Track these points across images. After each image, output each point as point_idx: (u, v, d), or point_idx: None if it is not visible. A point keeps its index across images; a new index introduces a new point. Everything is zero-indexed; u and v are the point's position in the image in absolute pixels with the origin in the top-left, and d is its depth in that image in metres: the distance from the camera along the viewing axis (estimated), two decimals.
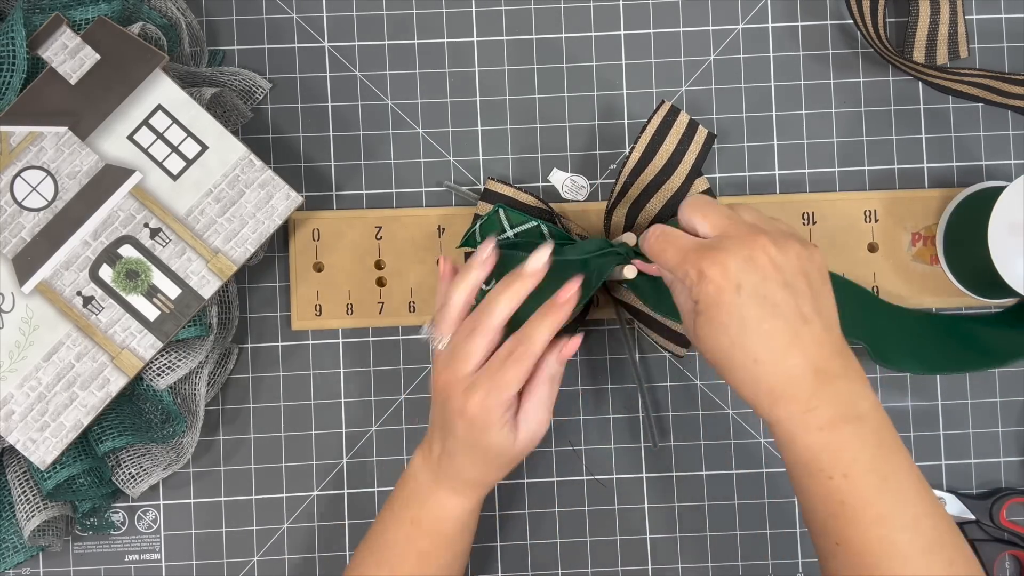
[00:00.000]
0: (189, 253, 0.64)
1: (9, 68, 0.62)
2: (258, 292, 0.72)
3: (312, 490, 0.71)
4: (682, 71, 0.72)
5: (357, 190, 0.72)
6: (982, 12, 0.73)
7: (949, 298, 0.71)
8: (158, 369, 0.65)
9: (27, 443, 0.63)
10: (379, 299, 0.71)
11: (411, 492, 0.59)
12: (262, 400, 0.71)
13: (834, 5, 0.73)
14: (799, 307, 0.47)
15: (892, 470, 0.48)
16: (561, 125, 0.72)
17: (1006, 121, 0.73)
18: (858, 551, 0.47)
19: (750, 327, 0.47)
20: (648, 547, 0.71)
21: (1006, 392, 0.72)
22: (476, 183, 0.72)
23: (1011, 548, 0.70)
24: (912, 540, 0.47)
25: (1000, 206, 0.64)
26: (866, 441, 0.48)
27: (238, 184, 0.65)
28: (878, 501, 0.47)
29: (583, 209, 0.71)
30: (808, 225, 0.71)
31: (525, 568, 0.71)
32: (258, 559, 0.71)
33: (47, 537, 0.66)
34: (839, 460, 0.47)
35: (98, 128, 0.64)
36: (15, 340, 0.63)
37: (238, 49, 0.72)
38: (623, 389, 0.72)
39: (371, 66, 0.72)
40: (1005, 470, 0.72)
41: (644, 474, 0.72)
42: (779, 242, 0.48)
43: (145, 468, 0.66)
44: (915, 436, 0.72)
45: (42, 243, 0.63)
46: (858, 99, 0.72)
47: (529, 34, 0.72)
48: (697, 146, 0.68)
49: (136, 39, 0.63)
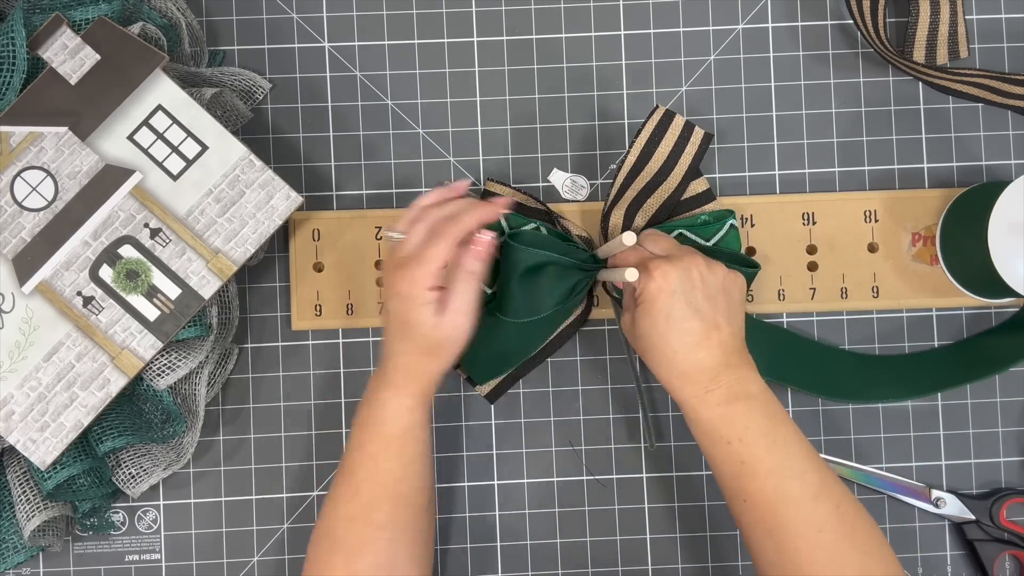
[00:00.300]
0: (189, 253, 0.64)
1: (9, 68, 0.62)
2: (258, 292, 0.72)
3: (312, 490, 0.71)
4: (682, 71, 0.72)
5: (357, 190, 0.72)
6: (982, 12, 0.73)
7: (949, 298, 0.71)
8: (158, 369, 0.65)
9: (27, 443, 0.63)
10: (379, 299, 0.71)
11: (364, 400, 0.62)
12: (262, 400, 0.71)
13: (834, 5, 0.73)
14: (715, 315, 0.59)
15: (780, 435, 0.58)
16: (561, 125, 0.72)
17: (1006, 121, 0.73)
18: (759, 502, 0.58)
19: (674, 323, 0.59)
20: (648, 547, 0.71)
21: (1006, 392, 0.72)
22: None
23: (1011, 548, 0.70)
24: (802, 488, 0.57)
25: (1000, 206, 0.64)
26: (755, 413, 0.59)
27: (238, 184, 0.65)
28: (769, 457, 0.58)
29: (583, 209, 0.71)
30: (808, 225, 0.71)
31: (525, 568, 0.71)
32: (258, 559, 0.71)
33: (47, 537, 0.66)
34: (734, 427, 0.58)
35: (98, 128, 0.64)
36: (15, 340, 0.63)
37: (238, 49, 0.72)
38: (623, 389, 0.72)
39: (371, 66, 0.72)
40: (1005, 470, 0.72)
41: (644, 474, 0.72)
42: (711, 264, 0.60)
43: (145, 468, 0.66)
44: (915, 436, 0.72)
45: (42, 243, 0.63)
46: (858, 99, 0.72)
47: (529, 34, 0.72)
48: (694, 147, 0.68)
49: (136, 39, 0.63)
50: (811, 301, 0.71)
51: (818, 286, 0.71)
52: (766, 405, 0.59)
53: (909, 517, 0.71)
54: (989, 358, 0.70)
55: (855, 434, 0.72)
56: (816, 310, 0.72)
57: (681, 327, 0.59)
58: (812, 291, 0.71)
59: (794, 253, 0.71)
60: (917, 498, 0.71)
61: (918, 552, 0.71)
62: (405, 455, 0.61)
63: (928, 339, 0.72)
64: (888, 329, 0.72)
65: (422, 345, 0.60)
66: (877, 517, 0.71)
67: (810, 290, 0.71)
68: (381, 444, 0.61)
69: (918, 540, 0.71)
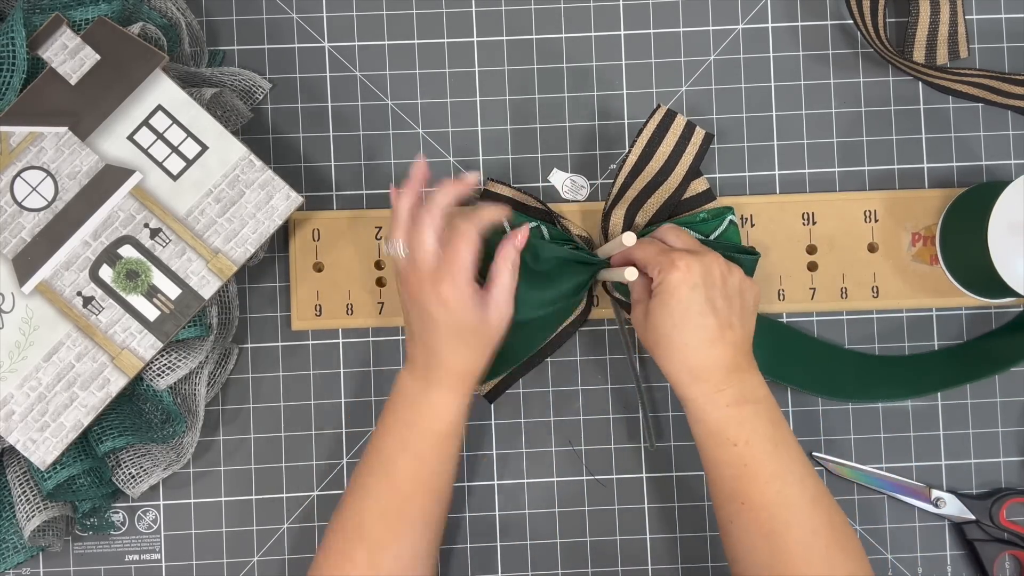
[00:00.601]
0: (189, 253, 0.64)
1: (9, 68, 0.62)
2: (258, 292, 0.72)
3: (312, 490, 0.71)
4: (682, 71, 0.72)
5: (357, 190, 0.72)
6: (982, 12, 0.73)
7: (949, 298, 0.71)
8: (158, 369, 0.65)
9: (27, 443, 0.63)
10: (379, 299, 0.71)
11: (403, 402, 0.63)
12: (262, 400, 0.71)
13: (834, 5, 0.73)
14: (730, 315, 0.60)
15: (782, 440, 0.60)
16: (561, 125, 0.72)
17: (1006, 121, 0.73)
18: (758, 506, 0.58)
19: (691, 317, 0.59)
20: (648, 547, 0.71)
21: (1006, 392, 0.72)
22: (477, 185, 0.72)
23: (1011, 548, 0.70)
24: (801, 493, 0.59)
25: (1000, 206, 0.64)
26: (761, 417, 0.60)
27: (238, 184, 0.65)
28: (772, 462, 0.59)
29: (583, 209, 0.71)
30: (808, 225, 0.71)
31: (525, 568, 0.71)
32: (258, 559, 0.71)
33: (47, 537, 0.66)
34: (742, 430, 0.59)
35: (98, 128, 0.64)
36: (15, 340, 0.63)
37: (238, 49, 0.72)
38: (623, 389, 0.72)
39: (371, 66, 0.72)
40: (1005, 470, 0.72)
41: (644, 474, 0.72)
42: (731, 266, 0.61)
43: (145, 468, 0.66)
44: (915, 436, 0.72)
45: (42, 243, 0.63)
46: (858, 99, 0.72)
47: (529, 34, 0.72)
48: (695, 147, 0.68)
49: (136, 39, 0.63)
50: (811, 301, 0.71)
51: (818, 286, 0.71)
52: (771, 410, 0.60)
53: (909, 517, 0.71)
54: (990, 358, 0.70)
55: (855, 434, 0.72)
56: (816, 310, 0.72)
57: (698, 321, 0.59)
58: (812, 291, 0.71)
59: (794, 253, 0.71)
60: (917, 498, 0.71)
61: (918, 552, 0.71)
62: (449, 453, 0.63)
63: (928, 339, 0.72)
64: (888, 329, 0.72)
65: (476, 345, 0.62)
66: (877, 517, 0.71)
67: (810, 290, 0.71)
68: (428, 444, 0.62)
69: (918, 540, 0.71)
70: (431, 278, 0.60)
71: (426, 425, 0.62)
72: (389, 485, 0.62)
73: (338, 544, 0.62)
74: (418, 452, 0.62)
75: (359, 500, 0.62)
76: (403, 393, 0.63)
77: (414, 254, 0.61)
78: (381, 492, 0.62)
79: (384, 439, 0.63)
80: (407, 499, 0.61)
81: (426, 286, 0.60)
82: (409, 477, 0.62)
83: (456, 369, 0.62)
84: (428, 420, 0.62)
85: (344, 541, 0.62)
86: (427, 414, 0.62)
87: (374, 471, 0.62)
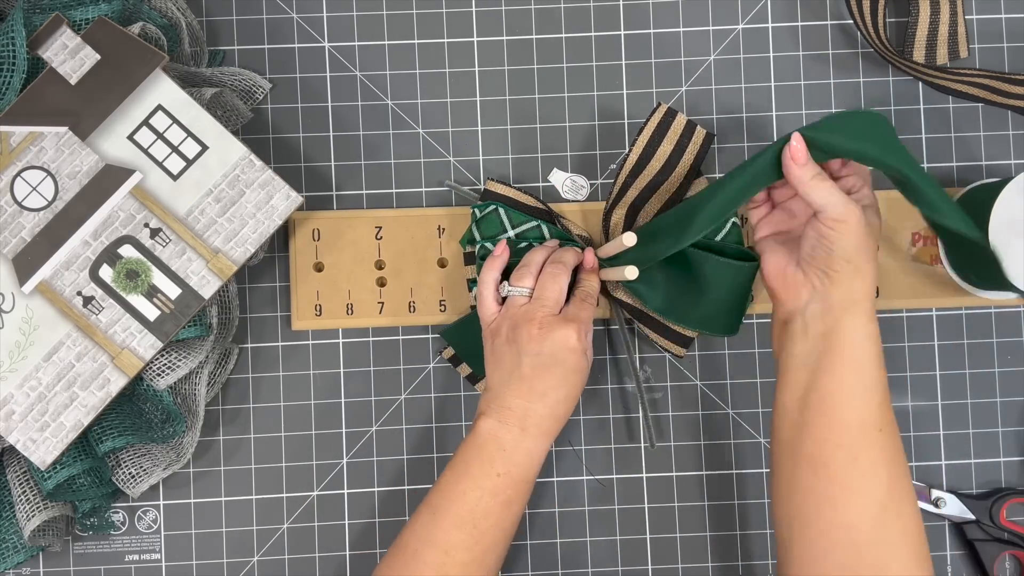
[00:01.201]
0: (189, 253, 0.64)
1: (9, 68, 0.62)
2: (258, 292, 0.72)
3: (312, 490, 0.71)
4: (682, 71, 0.72)
5: (357, 190, 0.72)
6: (982, 12, 0.73)
7: (949, 298, 0.71)
8: (158, 369, 0.65)
9: (27, 443, 0.63)
10: (379, 299, 0.71)
11: (495, 452, 0.62)
12: (262, 400, 0.71)
13: (834, 5, 0.73)
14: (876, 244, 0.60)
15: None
16: (561, 125, 0.72)
17: (1006, 121, 0.73)
18: (894, 429, 0.58)
19: (876, 236, 0.60)
20: (648, 547, 0.71)
21: (1006, 392, 0.72)
22: (476, 183, 0.72)
23: (1011, 548, 0.70)
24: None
25: (1001, 203, 0.64)
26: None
27: (238, 184, 0.65)
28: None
29: (583, 209, 0.71)
30: None
31: (525, 568, 0.71)
32: (258, 559, 0.71)
33: (47, 537, 0.66)
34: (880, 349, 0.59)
35: (98, 128, 0.64)
36: (15, 340, 0.63)
37: (238, 49, 0.72)
38: (623, 389, 0.72)
39: (371, 66, 0.72)
40: (1005, 470, 0.72)
41: (644, 474, 0.72)
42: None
43: (145, 468, 0.66)
44: (915, 436, 0.72)
45: (42, 243, 0.63)
46: (858, 99, 0.72)
47: (529, 34, 0.72)
48: (696, 146, 0.68)
49: (136, 39, 0.63)
50: None
51: None
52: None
53: None
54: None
55: None
56: None
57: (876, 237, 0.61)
58: None
59: None
60: (917, 498, 0.71)
61: None
62: (528, 494, 0.63)
63: (928, 339, 0.72)
64: (888, 329, 0.72)
65: (580, 391, 0.63)
66: None
67: None
68: (521, 489, 0.62)
69: None
70: (561, 323, 0.62)
71: (519, 474, 0.61)
72: (472, 537, 0.61)
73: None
74: (508, 500, 0.61)
75: (443, 555, 0.60)
76: (495, 441, 0.62)
77: (545, 295, 0.63)
78: (467, 545, 0.60)
79: (469, 492, 0.61)
80: (489, 550, 0.61)
81: (556, 331, 0.62)
82: (495, 525, 0.61)
83: (558, 414, 0.62)
84: (523, 469, 0.62)
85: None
86: (523, 463, 0.62)
87: (462, 524, 0.61)
